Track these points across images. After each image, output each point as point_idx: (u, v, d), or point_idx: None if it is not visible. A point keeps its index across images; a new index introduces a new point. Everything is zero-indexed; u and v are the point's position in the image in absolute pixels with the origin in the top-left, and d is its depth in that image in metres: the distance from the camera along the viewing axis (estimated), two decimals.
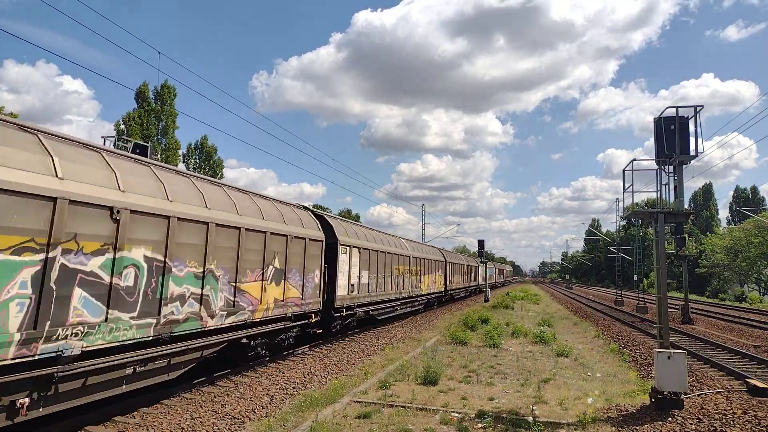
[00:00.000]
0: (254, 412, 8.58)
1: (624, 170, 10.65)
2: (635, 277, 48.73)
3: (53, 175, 6.58)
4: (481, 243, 44.00)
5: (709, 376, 11.84)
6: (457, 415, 8.35)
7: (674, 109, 10.00)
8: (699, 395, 9.83)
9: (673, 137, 9.78)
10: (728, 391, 10.18)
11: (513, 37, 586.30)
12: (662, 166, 10.04)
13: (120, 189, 7.59)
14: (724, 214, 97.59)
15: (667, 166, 10.00)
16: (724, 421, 8.00)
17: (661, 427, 7.79)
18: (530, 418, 7.93)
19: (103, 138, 13.95)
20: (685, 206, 9.78)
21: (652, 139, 10.13)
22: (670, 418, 8.15)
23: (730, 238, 61.98)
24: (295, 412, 8.50)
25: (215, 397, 9.32)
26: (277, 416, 8.30)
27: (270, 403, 9.18)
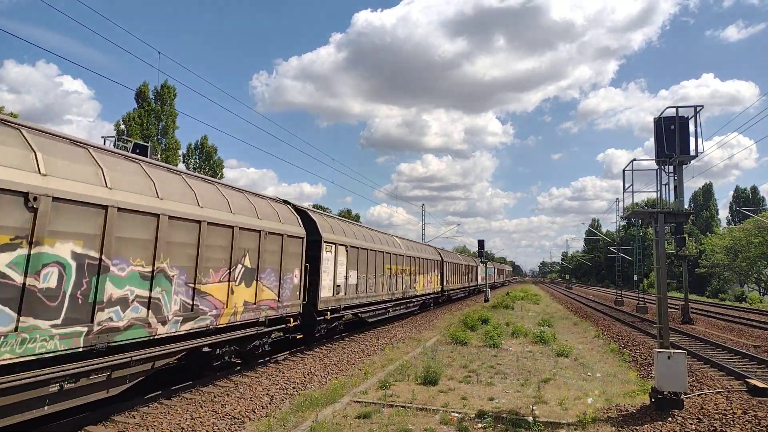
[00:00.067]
0: (254, 412, 8.59)
1: (624, 170, 10.67)
2: (635, 277, 48.78)
3: None
4: (481, 243, 44.09)
5: (709, 376, 11.85)
6: (457, 415, 8.35)
7: (674, 109, 10.01)
8: (699, 395, 9.84)
9: (673, 137, 9.78)
10: (728, 391, 10.18)
11: (513, 37, 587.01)
12: (662, 166, 10.05)
13: (40, 172, 6.43)
14: (724, 214, 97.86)
15: (667, 166, 10.01)
16: (724, 421, 8.00)
17: (661, 427, 7.80)
18: (530, 418, 7.93)
19: (103, 138, 13.97)
20: (685, 206, 9.79)
21: (652, 139, 10.15)
22: (670, 418, 8.16)
23: (730, 238, 62.09)
24: (295, 412, 8.51)
25: (215, 397, 9.33)
26: (277, 416, 8.31)
27: (270, 403, 9.18)
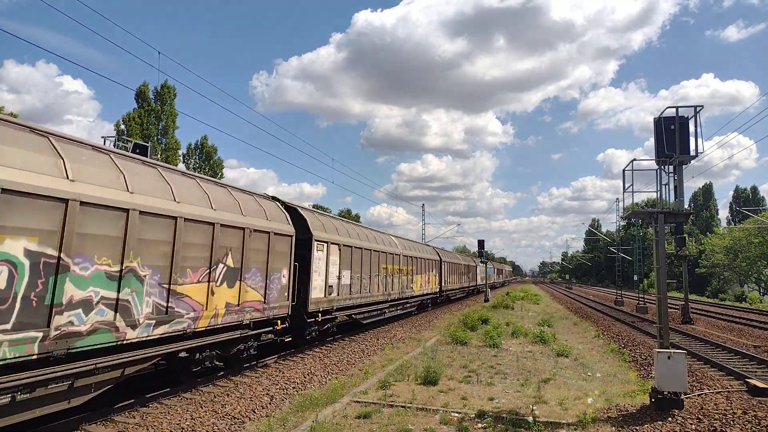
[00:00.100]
0: (254, 412, 8.59)
1: (624, 170, 10.67)
2: (635, 277, 48.79)
3: None
4: (481, 243, 44.12)
5: (709, 376, 11.85)
6: (457, 415, 8.35)
7: (674, 109, 10.01)
8: (699, 395, 9.84)
9: (673, 137, 9.78)
10: (728, 391, 10.18)
11: (513, 37, 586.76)
12: (662, 166, 10.04)
13: None
14: (724, 214, 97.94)
15: (667, 166, 10.01)
16: (724, 421, 8.00)
17: (661, 427, 7.80)
18: (530, 418, 7.93)
19: (104, 138, 13.93)
20: (685, 206, 9.79)
21: (652, 139, 10.14)
22: (670, 418, 8.16)
23: (730, 238, 62.13)
24: (295, 412, 8.50)
25: (215, 397, 9.33)
26: (277, 416, 8.30)
27: (270, 403, 9.18)
